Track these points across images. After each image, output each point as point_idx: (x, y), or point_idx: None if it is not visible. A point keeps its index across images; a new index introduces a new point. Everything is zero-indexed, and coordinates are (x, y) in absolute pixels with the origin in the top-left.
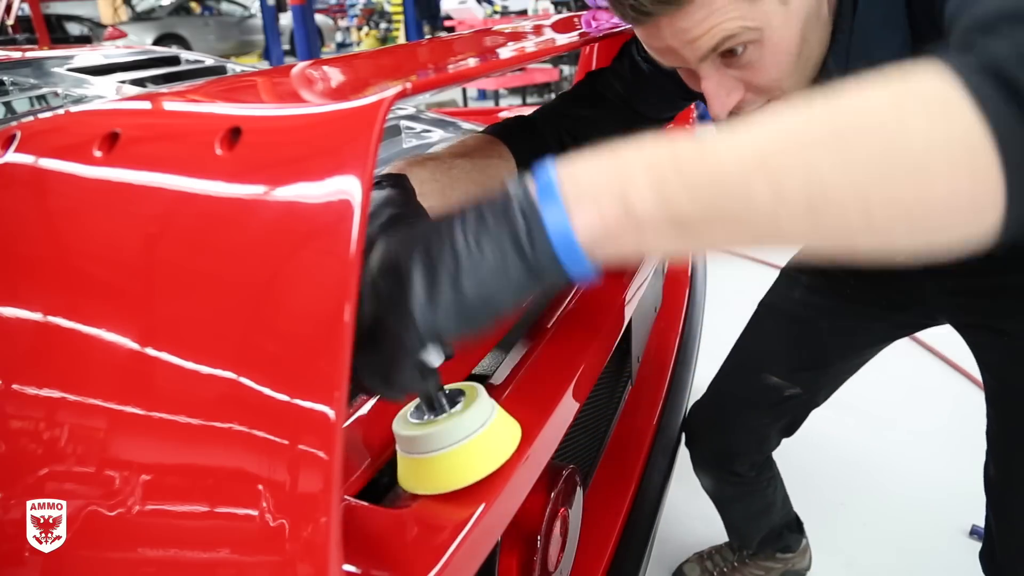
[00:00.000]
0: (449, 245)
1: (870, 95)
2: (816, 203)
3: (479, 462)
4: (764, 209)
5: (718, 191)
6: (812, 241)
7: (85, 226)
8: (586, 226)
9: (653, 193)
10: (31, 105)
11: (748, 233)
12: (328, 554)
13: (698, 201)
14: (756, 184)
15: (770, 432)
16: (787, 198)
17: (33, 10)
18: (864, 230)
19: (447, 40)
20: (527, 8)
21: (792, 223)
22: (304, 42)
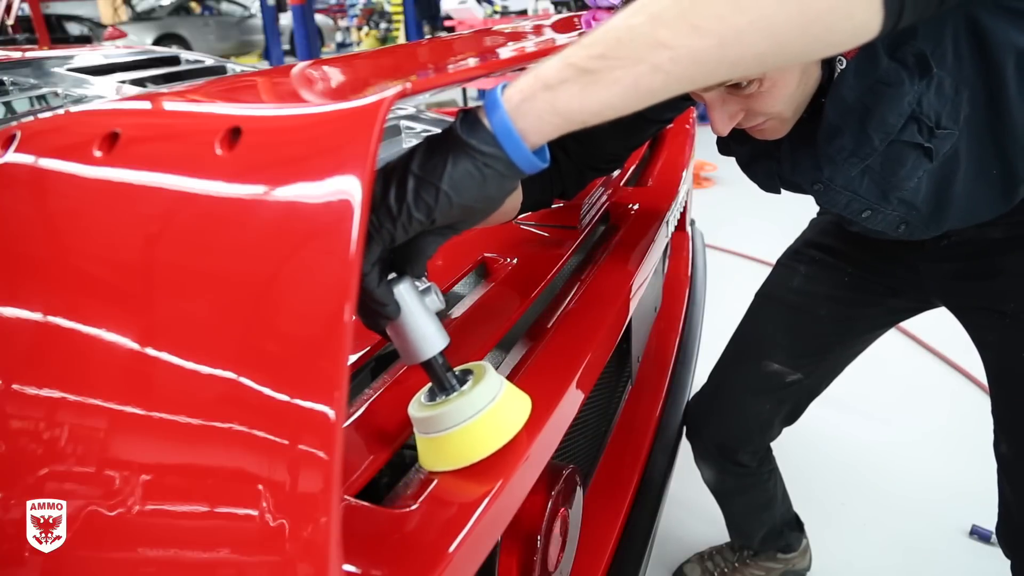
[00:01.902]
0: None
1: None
2: (688, 13)
3: (491, 435)
4: (646, 35)
5: (605, 34)
6: (703, 48)
7: (85, 226)
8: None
9: (557, 59)
10: (31, 105)
11: (643, 63)
12: (328, 554)
13: (590, 48)
14: (635, 18)
15: (772, 419)
16: (663, 16)
17: (33, 10)
18: (744, 20)
19: (447, 40)
20: (527, 8)
21: (675, 37)
22: (304, 42)
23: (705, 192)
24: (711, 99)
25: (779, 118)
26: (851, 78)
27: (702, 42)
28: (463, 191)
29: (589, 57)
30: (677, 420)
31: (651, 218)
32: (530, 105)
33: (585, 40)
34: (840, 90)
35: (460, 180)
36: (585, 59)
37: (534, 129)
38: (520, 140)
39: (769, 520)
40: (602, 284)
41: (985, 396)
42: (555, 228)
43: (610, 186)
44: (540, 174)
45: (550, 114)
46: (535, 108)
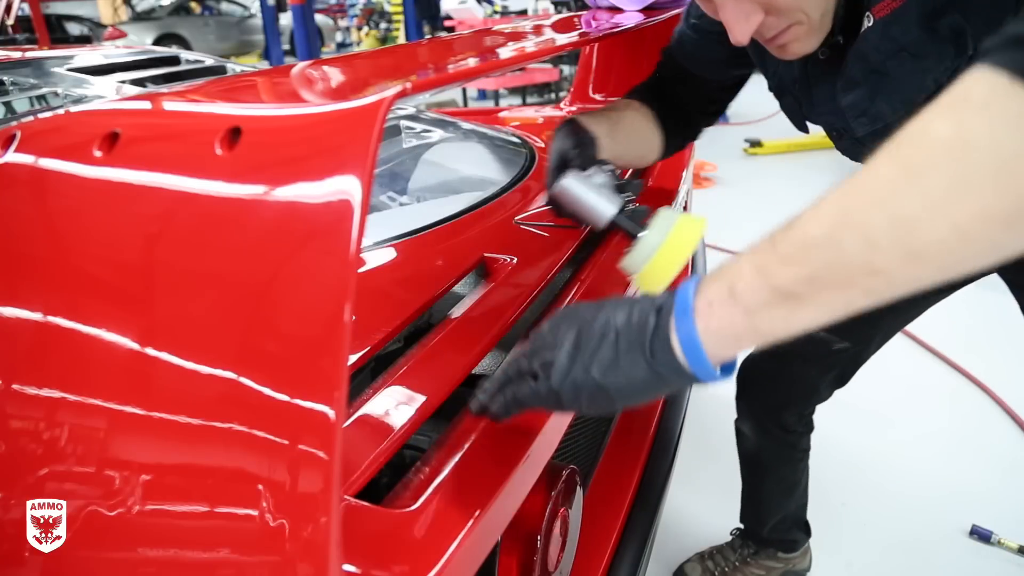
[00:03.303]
0: (598, 334)
1: (926, 121)
2: (906, 239)
3: (681, 247)
4: (858, 259)
5: (810, 253)
6: (924, 276)
7: (85, 226)
8: (704, 327)
9: (753, 274)
10: (31, 105)
11: (855, 287)
12: (328, 554)
13: (793, 266)
14: (843, 237)
15: (819, 384)
16: (876, 241)
17: (33, 10)
18: (969, 249)
19: (447, 40)
20: (527, 8)
21: (891, 264)
22: (304, 42)
23: (705, 192)
24: (720, 2)
25: (807, 23)
26: (876, 39)
27: (922, 271)
28: (639, 399)
29: (796, 280)
30: (677, 420)
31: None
32: (728, 331)
33: (785, 250)
34: (862, 47)
35: (640, 394)
36: (791, 282)
37: (729, 351)
38: (711, 366)
39: (786, 507)
40: (602, 284)
41: (985, 396)
42: (555, 228)
43: None
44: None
45: (749, 336)
46: (733, 332)
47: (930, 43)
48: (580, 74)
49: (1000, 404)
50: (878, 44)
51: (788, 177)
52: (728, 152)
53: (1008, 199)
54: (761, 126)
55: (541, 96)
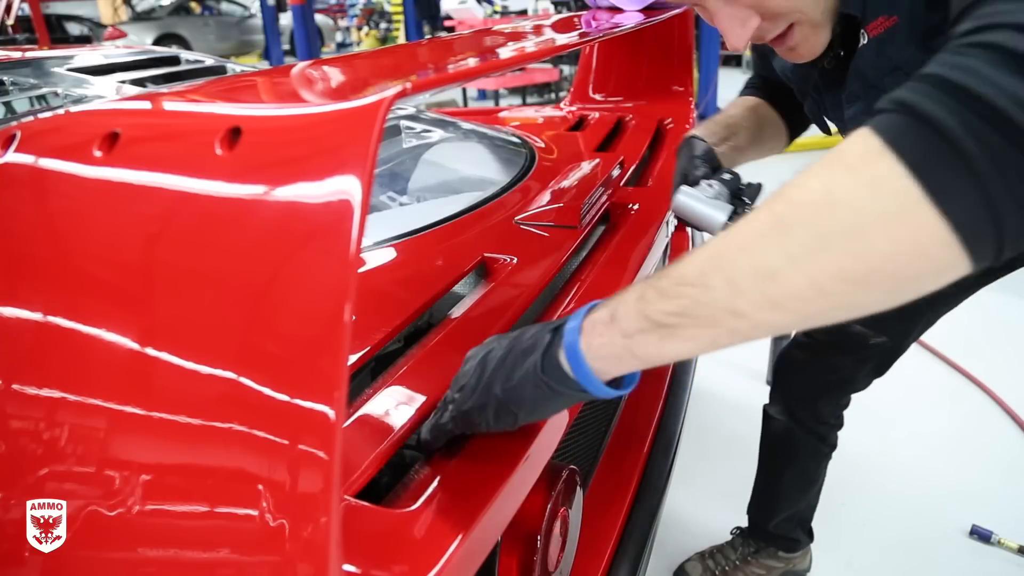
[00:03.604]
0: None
1: (805, 176)
2: (766, 288)
3: None
4: (723, 302)
5: (681, 290)
6: (783, 324)
7: (85, 226)
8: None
9: (634, 301)
10: (31, 105)
11: (720, 327)
12: (328, 554)
13: (667, 300)
14: (711, 279)
15: (856, 373)
16: (739, 286)
17: (33, 10)
18: (826, 303)
19: (447, 40)
20: (527, 8)
21: (752, 310)
22: (304, 42)
23: None
24: (714, 8)
25: (808, 22)
26: (872, 56)
27: (782, 319)
28: (540, 413)
29: (666, 313)
30: (677, 420)
31: (651, 218)
32: (608, 350)
33: (663, 284)
34: (859, 64)
35: (538, 407)
36: (662, 315)
37: (612, 368)
38: (598, 380)
39: (797, 504)
40: (602, 284)
41: (985, 396)
42: (555, 228)
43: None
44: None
45: (628, 357)
46: (613, 352)
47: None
48: (580, 74)
49: (1000, 404)
50: (874, 61)
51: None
52: None
53: (863, 261)
54: None
55: (541, 96)
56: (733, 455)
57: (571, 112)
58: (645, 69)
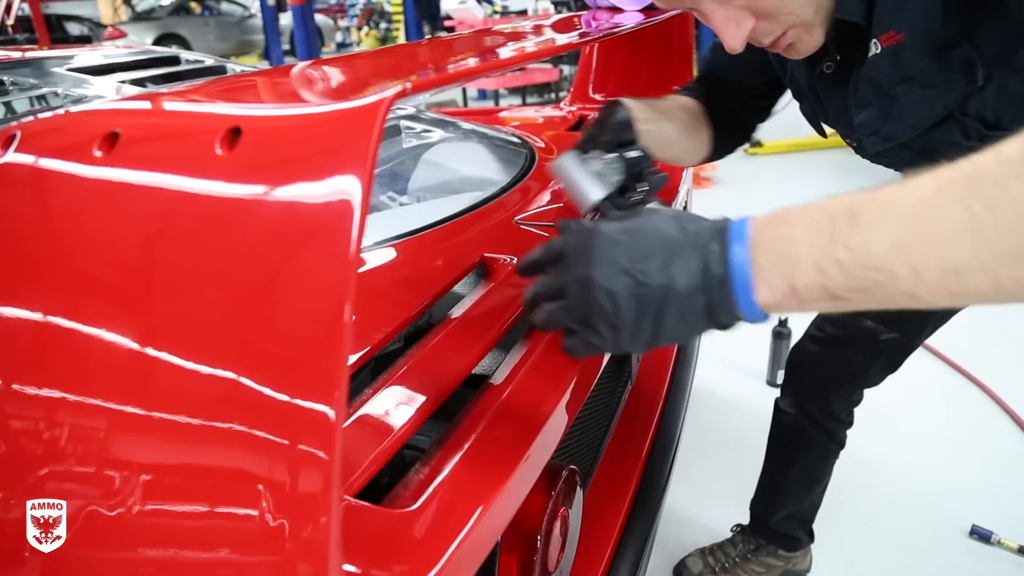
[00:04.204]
0: (659, 294)
1: (1005, 172)
2: (951, 283)
3: None
4: (905, 287)
5: (866, 274)
6: (950, 306)
7: (85, 226)
8: (762, 301)
9: (813, 273)
10: (31, 105)
11: (892, 302)
12: (328, 554)
13: (849, 280)
14: (899, 268)
15: (868, 369)
16: (925, 279)
17: (33, 10)
18: (994, 297)
19: (447, 40)
20: (527, 8)
21: (930, 297)
22: (304, 42)
23: (705, 192)
24: (708, 10)
25: (801, 24)
26: (886, 65)
27: (953, 303)
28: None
29: (848, 290)
30: (677, 420)
31: None
32: (779, 308)
33: (844, 257)
34: (871, 72)
35: (687, 334)
36: (843, 290)
37: (776, 313)
38: (762, 319)
39: (801, 501)
40: None
41: (985, 396)
42: (555, 228)
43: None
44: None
45: (794, 311)
46: (783, 309)
47: (940, 73)
48: (580, 74)
49: (1000, 404)
50: (888, 71)
51: (788, 177)
52: None
53: None
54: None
55: (541, 96)
56: (733, 454)
57: (571, 112)
58: (645, 69)
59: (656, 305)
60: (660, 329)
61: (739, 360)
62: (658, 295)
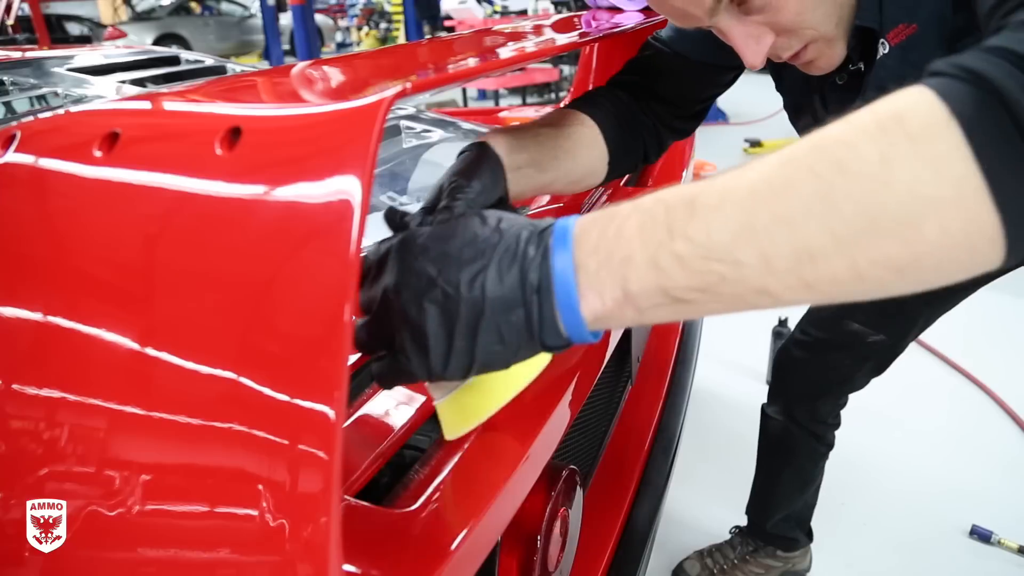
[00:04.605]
0: (469, 308)
1: (855, 133)
2: (804, 270)
3: (507, 382)
4: (754, 280)
5: (708, 266)
6: (806, 302)
7: (85, 226)
8: (591, 311)
9: (647, 270)
10: (31, 105)
11: (741, 301)
12: (328, 554)
13: (691, 277)
14: (744, 254)
15: (855, 372)
16: (776, 267)
17: (33, 10)
18: (854, 286)
19: (447, 40)
20: (527, 8)
21: (782, 290)
22: (304, 42)
23: None
24: (726, 27)
25: (822, 38)
26: (895, 64)
27: (807, 298)
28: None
29: (688, 289)
30: (677, 420)
31: None
32: (616, 321)
33: (683, 249)
34: (880, 74)
35: (508, 357)
36: (683, 291)
37: (609, 328)
38: (591, 339)
39: (795, 503)
40: None
41: (985, 396)
42: None
43: (610, 186)
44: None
45: (631, 323)
46: (618, 321)
47: None
48: (580, 74)
49: (1000, 404)
50: (897, 70)
51: None
52: (728, 152)
53: (910, 249)
54: (761, 126)
55: (541, 96)
56: (733, 455)
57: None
58: None
59: (467, 321)
60: (475, 350)
61: (739, 360)
62: (469, 309)
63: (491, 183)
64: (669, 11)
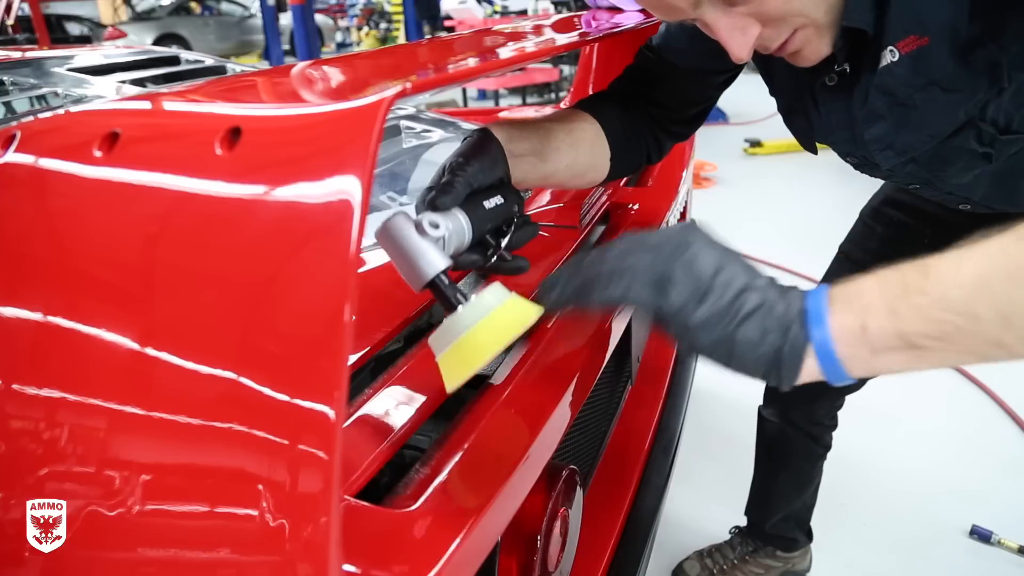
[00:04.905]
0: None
1: None
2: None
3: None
4: (991, 335)
5: (945, 317)
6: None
7: (85, 226)
8: (839, 342)
9: (886, 316)
10: (31, 105)
11: (976, 353)
12: (328, 554)
13: (927, 324)
14: (981, 310)
15: None
16: (1014, 323)
17: (33, 10)
18: None
19: (447, 40)
20: (527, 8)
21: (1017, 343)
22: (304, 42)
23: (705, 192)
24: (711, 20)
25: (811, 24)
26: (905, 73)
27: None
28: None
29: (924, 336)
30: (677, 420)
31: (651, 218)
32: (852, 363)
33: (920, 303)
34: (887, 81)
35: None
36: (919, 337)
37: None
38: (847, 376)
39: (793, 504)
40: None
41: (985, 396)
42: (555, 228)
43: (610, 186)
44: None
45: (864, 370)
46: (856, 365)
47: (963, 76)
48: (580, 74)
49: (1000, 404)
50: (907, 79)
51: (788, 177)
52: (728, 152)
53: None
54: (761, 126)
55: (541, 96)
56: (733, 455)
57: None
58: None
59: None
60: (733, 347)
61: None
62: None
63: (490, 164)
64: (654, 4)
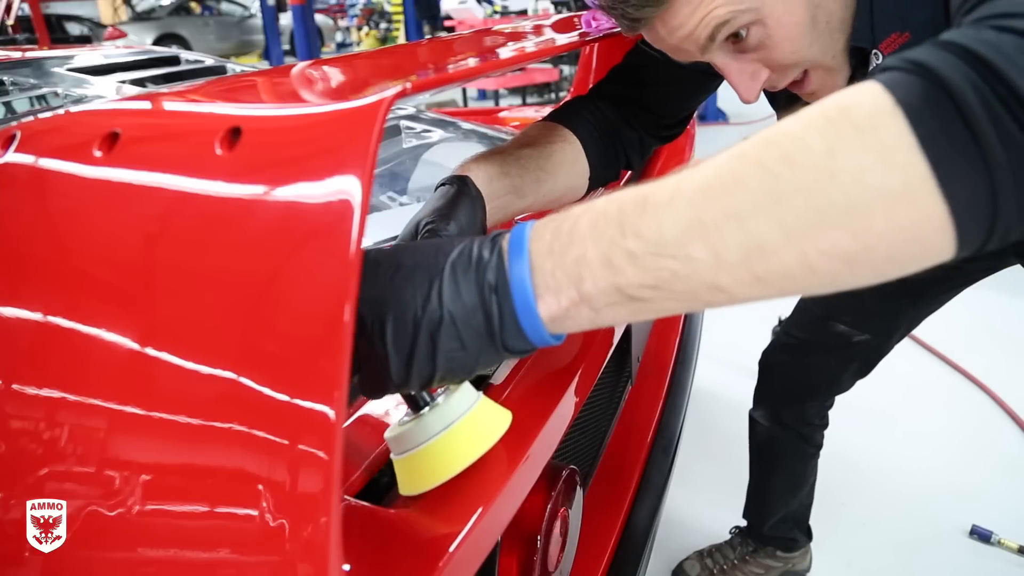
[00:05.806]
0: (427, 316)
1: (803, 127)
2: (755, 264)
3: (466, 447)
4: (706, 275)
5: (659, 263)
6: (759, 298)
7: (85, 226)
8: (548, 312)
9: (601, 268)
10: (31, 105)
11: (695, 299)
12: (328, 554)
13: (643, 274)
14: (694, 249)
15: (841, 374)
16: (727, 260)
17: (33, 10)
18: (805, 279)
19: (447, 40)
20: (527, 8)
21: (734, 285)
22: (304, 42)
23: None
24: (722, 63)
25: (822, 67)
26: None
27: (761, 294)
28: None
29: (641, 286)
30: (677, 420)
31: None
32: (571, 321)
33: (634, 247)
34: None
35: (471, 362)
36: (636, 288)
37: (569, 330)
38: (552, 341)
39: (790, 504)
40: None
41: (985, 396)
42: None
43: (610, 186)
44: (607, 152)
45: (589, 324)
46: (575, 322)
47: None
48: (580, 74)
49: (1000, 404)
50: None
51: None
52: None
53: (859, 240)
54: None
55: (541, 96)
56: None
57: None
58: None
59: (427, 327)
60: (436, 356)
61: (739, 360)
62: (428, 315)
63: (468, 223)
64: (664, 47)
